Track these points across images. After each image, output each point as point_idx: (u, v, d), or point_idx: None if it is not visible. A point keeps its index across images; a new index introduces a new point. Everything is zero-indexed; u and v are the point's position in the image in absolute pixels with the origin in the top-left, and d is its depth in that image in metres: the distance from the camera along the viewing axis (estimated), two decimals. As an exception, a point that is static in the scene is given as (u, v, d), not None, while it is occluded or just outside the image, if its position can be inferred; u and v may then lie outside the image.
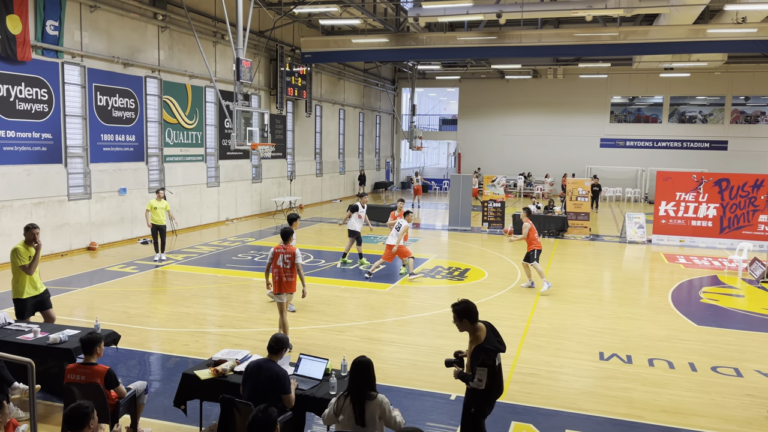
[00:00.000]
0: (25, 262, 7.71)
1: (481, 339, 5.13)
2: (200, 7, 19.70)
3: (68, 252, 15.24)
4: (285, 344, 5.57)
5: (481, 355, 5.02)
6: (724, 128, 34.51)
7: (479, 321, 5.24)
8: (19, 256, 7.73)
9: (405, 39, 23.67)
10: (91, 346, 5.56)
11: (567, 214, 20.79)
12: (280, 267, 8.42)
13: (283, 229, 8.66)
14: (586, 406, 6.99)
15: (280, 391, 5.27)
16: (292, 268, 8.45)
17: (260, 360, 5.51)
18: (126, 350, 8.43)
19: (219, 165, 21.37)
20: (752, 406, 7.07)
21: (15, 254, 7.75)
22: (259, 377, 5.29)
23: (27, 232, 7.86)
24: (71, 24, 15.05)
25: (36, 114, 14.20)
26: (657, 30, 21.53)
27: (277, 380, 5.27)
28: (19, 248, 7.79)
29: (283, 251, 8.45)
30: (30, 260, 7.74)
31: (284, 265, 8.41)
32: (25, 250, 7.79)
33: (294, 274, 8.51)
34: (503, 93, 37.80)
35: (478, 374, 4.98)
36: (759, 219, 18.00)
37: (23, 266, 7.72)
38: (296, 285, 8.60)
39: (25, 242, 7.85)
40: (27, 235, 7.86)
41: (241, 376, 5.88)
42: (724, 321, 10.67)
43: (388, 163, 40.41)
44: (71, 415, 4.19)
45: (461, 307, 5.15)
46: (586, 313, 10.86)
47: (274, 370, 5.32)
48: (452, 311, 5.20)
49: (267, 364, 5.40)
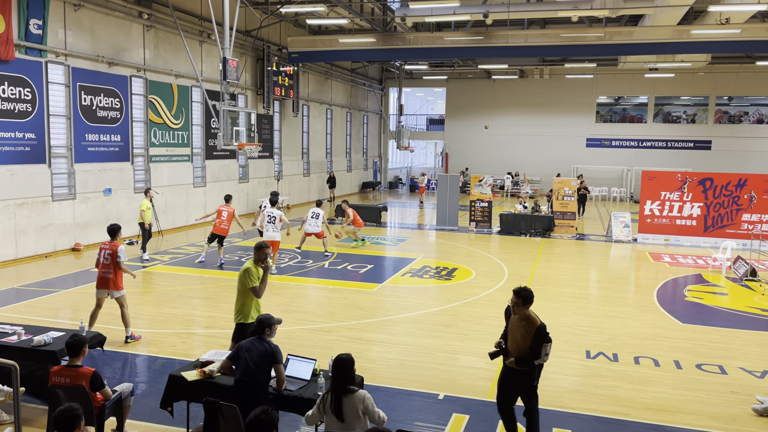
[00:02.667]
0: (255, 284, 7.05)
1: (538, 320, 5.67)
2: (186, 6, 19.58)
3: (52, 253, 15.08)
4: (267, 323, 5.61)
5: (546, 333, 5.62)
6: (707, 128, 34.88)
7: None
8: (251, 276, 7.04)
9: (392, 39, 23.67)
10: (77, 349, 5.50)
11: (553, 214, 20.91)
12: (100, 262, 8.71)
13: (109, 226, 8.88)
14: (573, 404, 7.04)
15: (272, 363, 5.45)
16: (111, 264, 8.61)
17: (252, 338, 5.58)
18: (112, 352, 8.36)
19: (205, 165, 21.25)
20: (736, 402, 7.15)
21: (246, 275, 7.05)
22: (254, 354, 5.41)
23: (259, 251, 7.21)
24: (55, 23, 14.89)
25: (19, 114, 14.03)
26: (642, 30, 21.72)
27: (271, 354, 5.44)
28: (251, 268, 7.10)
29: (106, 248, 8.67)
30: (259, 281, 7.11)
31: (104, 260, 8.63)
32: (256, 270, 7.14)
33: (115, 270, 8.66)
34: (490, 93, 37.92)
35: (545, 350, 5.61)
36: (742, 218, 18.22)
37: (253, 288, 7.04)
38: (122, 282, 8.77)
39: (254, 261, 7.20)
40: (258, 254, 7.21)
41: (230, 378, 5.86)
42: (709, 319, 10.79)
43: (376, 163, 40.41)
44: (61, 417, 4.13)
45: (527, 293, 5.72)
46: (572, 312, 10.93)
47: (265, 347, 5.47)
48: (516, 296, 5.71)
49: (261, 340, 5.52)
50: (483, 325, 9.85)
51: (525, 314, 5.72)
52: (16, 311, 10.26)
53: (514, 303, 5.74)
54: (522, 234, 20.32)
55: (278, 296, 11.58)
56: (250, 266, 7.10)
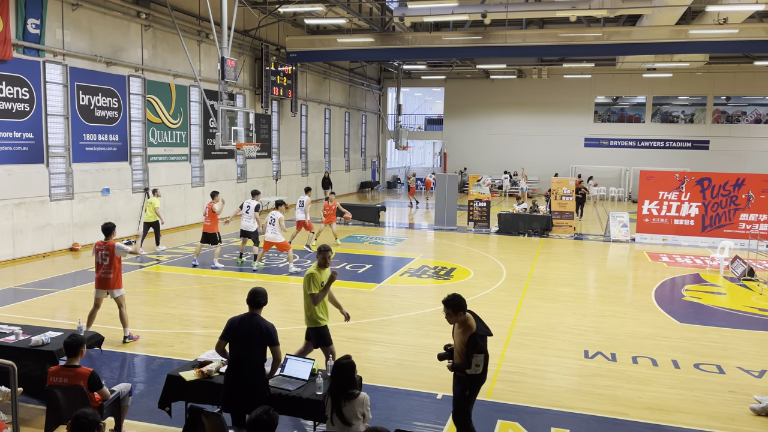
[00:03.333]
0: (314, 290, 6.74)
1: (473, 327, 5.34)
2: (184, 6, 19.56)
3: (50, 253, 15.06)
4: (264, 296, 5.58)
5: (477, 342, 5.27)
6: (705, 128, 34.93)
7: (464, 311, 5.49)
8: (313, 282, 6.77)
9: (390, 39, 23.67)
10: (75, 349, 5.49)
11: (552, 214, 20.92)
12: (98, 263, 8.64)
13: (104, 225, 8.78)
14: (572, 403, 7.04)
15: (269, 344, 5.40)
16: (110, 263, 8.58)
17: (244, 315, 5.51)
18: (110, 352, 8.35)
19: (204, 165, 21.23)
20: (734, 402, 7.16)
21: (309, 280, 6.78)
22: (248, 331, 5.35)
23: (320, 253, 6.93)
24: (53, 22, 14.87)
25: (17, 113, 14.01)
26: (640, 30, 21.74)
27: (267, 334, 5.38)
28: (315, 273, 6.82)
29: (102, 248, 8.61)
30: (321, 288, 6.77)
31: (102, 261, 8.58)
32: (319, 275, 6.83)
33: (114, 269, 8.62)
34: (488, 93, 37.94)
35: (476, 360, 5.25)
36: (740, 218, 18.24)
37: (312, 294, 6.76)
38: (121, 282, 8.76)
39: (318, 265, 6.90)
40: (319, 257, 6.92)
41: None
42: (707, 318, 10.80)
43: (374, 162, 40.40)
44: (84, 420, 4.05)
45: (456, 301, 5.38)
46: (570, 312, 10.94)
47: (262, 324, 5.42)
48: (445, 306, 5.40)
49: (253, 318, 5.46)
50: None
51: (463, 320, 5.41)
52: (14, 311, 10.25)
53: (446, 314, 5.44)
54: (520, 234, 20.33)
55: (277, 296, 11.58)
56: (314, 271, 6.84)
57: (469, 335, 5.30)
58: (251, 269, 13.88)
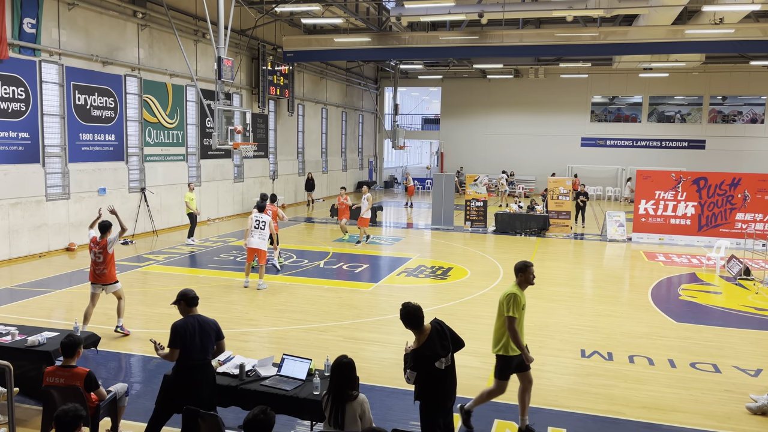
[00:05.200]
0: (514, 314, 5.88)
1: (419, 343, 5.10)
2: (181, 6, 19.52)
3: (46, 253, 15.02)
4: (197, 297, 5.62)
5: (411, 360, 5.09)
6: (701, 128, 35.02)
7: (430, 322, 5.21)
8: (514, 304, 5.91)
9: (387, 38, 23.66)
10: (71, 349, 5.48)
11: (548, 213, 20.95)
12: (93, 260, 8.72)
13: (101, 222, 8.87)
14: (568, 403, 7.05)
15: (217, 338, 5.51)
16: (104, 260, 8.67)
17: (188, 318, 5.52)
18: (106, 352, 8.33)
19: (200, 164, 21.21)
20: (730, 401, 7.18)
21: (512, 300, 5.92)
22: (196, 332, 5.39)
23: (524, 271, 6.01)
24: (49, 22, 14.82)
25: (13, 113, 13.97)
26: (636, 30, 21.78)
27: (216, 328, 5.51)
28: (517, 294, 5.96)
29: (96, 247, 8.66)
30: (521, 310, 5.96)
31: (96, 258, 8.65)
32: (522, 297, 6.00)
33: (108, 264, 8.72)
34: (485, 92, 37.98)
35: (408, 374, 5.12)
36: (736, 217, 18.29)
37: (509, 317, 5.88)
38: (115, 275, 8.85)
39: (518, 283, 6.07)
40: (522, 276, 6.03)
41: (224, 378, 5.86)
42: (703, 318, 10.83)
43: (371, 162, 40.40)
44: (65, 417, 4.07)
45: (402, 315, 5.13)
46: (567, 311, 10.96)
47: (209, 322, 5.51)
48: (400, 318, 5.17)
49: (198, 318, 5.50)
50: (478, 325, 9.86)
51: (416, 333, 5.13)
52: (10, 311, 10.22)
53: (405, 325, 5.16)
54: (517, 233, 20.35)
55: (273, 296, 11.57)
56: (516, 291, 6.01)
57: (412, 349, 5.10)
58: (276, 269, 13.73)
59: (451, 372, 5.22)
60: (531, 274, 6.05)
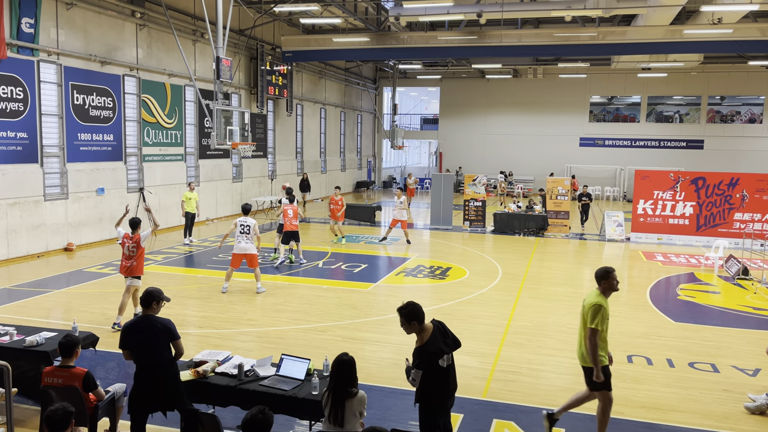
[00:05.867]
0: (597, 325, 5.50)
1: (423, 340, 5.05)
2: (179, 5, 19.51)
3: (45, 253, 15.00)
4: (155, 296, 5.56)
5: (417, 358, 5.01)
6: (700, 127, 35.07)
7: (430, 321, 5.18)
8: (601, 315, 5.55)
9: (386, 38, 23.67)
10: (70, 349, 5.47)
11: (547, 213, 20.96)
12: (125, 254, 9.40)
13: (131, 219, 9.47)
14: (567, 403, 7.05)
15: (170, 339, 5.46)
16: (137, 254, 9.35)
17: (139, 318, 5.53)
18: (104, 352, 8.32)
19: (199, 164, 21.19)
20: (728, 401, 7.19)
21: (598, 312, 5.55)
22: (146, 333, 5.37)
23: (606, 278, 5.68)
24: (47, 22, 14.81)
25: (11, 113, 13.95)
26: (635, 30, 21.80)
27: (166, 330, 5.42)
28: (603, 305, 5.59)
29: (129, 241, 9.32)
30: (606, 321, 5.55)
31: (130, 252, 9.31)
32: (607, 306, 5.63)
33: (138, 258, 9.37)
34: (484, 92, 38.00)
35: (413, 375, 5.00)
36: (734, 217, 18.32)
37: (592, 329, 5.52)
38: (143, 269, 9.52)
39: (602, 291, 5.72)
40: (606, 283, 5.69)
41: (223, 378, 5.85)
42: (701, 317, 10.84)
43: (370, 162, 40.40)
44: (54, 416, 4.10)
45: (408, 311, 5.01)
46: (566, 311, 10.96)
47: (161, 323, 5.46)
48: (399, 314, 5.07)
49: (149, 319, 5.47)
50: (477, 324, 9.87)
51: (418, 331, 5.05)
52: (8, 311, 10.20)
53: (400, 322, 5.09)
54: (516, 233, 20.37)
55: (272, 296, 11.57)
56: (602, 302, 5.65)
57: (415, 347, 5.04)
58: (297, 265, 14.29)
59: (452, 372, 5.22)
60: (614, 279, 5.76)
